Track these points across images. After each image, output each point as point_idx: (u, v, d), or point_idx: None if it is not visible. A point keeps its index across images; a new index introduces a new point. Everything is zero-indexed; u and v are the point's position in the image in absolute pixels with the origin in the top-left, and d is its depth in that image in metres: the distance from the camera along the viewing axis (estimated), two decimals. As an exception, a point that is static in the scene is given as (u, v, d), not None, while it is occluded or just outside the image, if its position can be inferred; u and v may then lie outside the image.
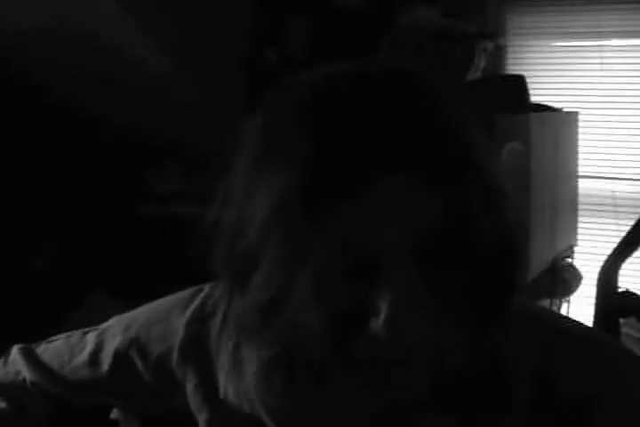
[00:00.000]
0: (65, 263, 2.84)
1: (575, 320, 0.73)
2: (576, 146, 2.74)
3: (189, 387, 0.75)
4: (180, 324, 0.76)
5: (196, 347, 0.74)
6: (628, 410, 0.64)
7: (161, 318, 0.78)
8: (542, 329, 0.66)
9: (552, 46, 2.87)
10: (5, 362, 0.89)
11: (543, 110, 2.46)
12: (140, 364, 0.78)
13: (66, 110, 2.77)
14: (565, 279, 2.48)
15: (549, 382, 0.64)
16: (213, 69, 2.60)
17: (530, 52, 2.89)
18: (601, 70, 2.79)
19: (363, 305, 0.55)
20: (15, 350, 0.88)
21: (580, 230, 2.81)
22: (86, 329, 0.86)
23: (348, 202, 0.52)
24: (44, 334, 0.94)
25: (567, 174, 2.67)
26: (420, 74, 0.60)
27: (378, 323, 0.54)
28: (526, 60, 2.88)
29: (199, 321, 0.75)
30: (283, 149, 0.55)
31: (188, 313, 0.76)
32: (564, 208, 2.62)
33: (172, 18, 2.44)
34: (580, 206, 2.81)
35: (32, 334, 1.03)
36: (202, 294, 0.78)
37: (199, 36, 2.52)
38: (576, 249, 2.74)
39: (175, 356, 0.75)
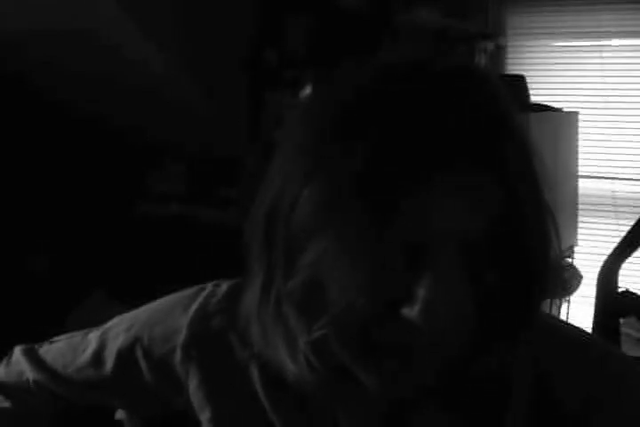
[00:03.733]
0: (65, 263, 2.84)
1: (572, 324, 0.73)
2: (576, 146, 2.74)
3: (192, 386, 0.74)
4: (182, 323, 0.75)
5: (200, 346, 0.74)
6: (629, 412, 0.64)
7: (163, 317, 0.78)
8: (542, 332, 0.66)
9: (552, 46, 2.88)
10: (8, 363, 0.89)
11: (543, 110, 2.46)
12: (142, 363, 0.77)
13: (66, 110, 2.77)
14: (565, 279, 2.48)
15: (549, 384, 0.64)
16: (213, 70, 2.59)
17: (530, 52, 2.89)
18: (601, 70, 2.79)
19: (400, 289, 0.55)
20: (18, 351, 0.88)
21: (580, 230, 2.81)
22: (88, 329, 0.86)
23: (409, 192, 0.53)
24: (44, 333, 0.94)
25: (567, 174, 2.67)
26: (475, 65, 0.61)
27: (413, 310, 0.54)
28: (526, 60, 2.89)
29: (202, 320, 0.75)
30: (347, 132, 0.55)
31: (190, 312, 0.76)
32: (564, 208, 2.62)
33: (172, 18, 2.44)
34: (580, 206, 2.82)
35: (32, 333, 1.03)
36: (204, 293, 0.77)
37: (199, 37, 2.52)
38: (576, 249, 2.74)
39: (178, 355, 0.75)
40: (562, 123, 2.61)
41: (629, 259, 1.98)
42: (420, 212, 0.53)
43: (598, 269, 2.01)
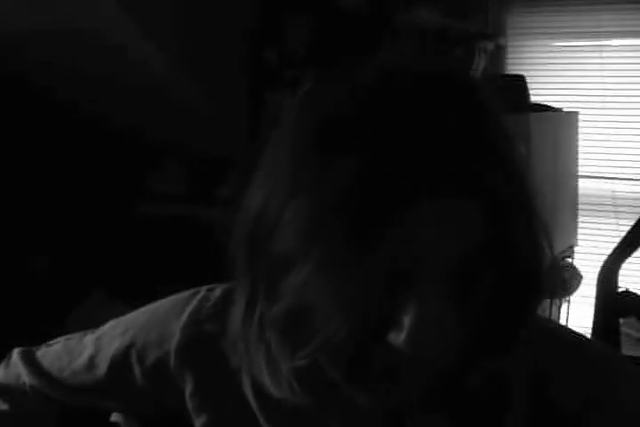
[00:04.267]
0: (65, 263, 2.84)
1: (564, 325, 0.73)
2: (576, 146, 2.74)
3: (188, 390, 0.74)
4: (176, 328, 0.75)
5: (194, 350, 0.74)
6: (629, 412, 0.64)
7: (157, 321, 0.78)
8: (541, 333, 0.66)
9: (552, 46, 2.88)
10: (7, 365, 0.89)
11: (543, 110, 2.46)
12: (137, 368, 0.77)
13: (66, 110, 2.77)
14: (565, 279, 2.48)
15: (548, 384, 0.64)
16: (214, 70, 2.60)
17: (530, 52, 2.89)
18: (601, 70, 2.79)
19: (385, 317, 0.54)
20: (16, 354, 0.88)
21: (580, 230, 2.81)
22: (84, 332, 0.86)
23: (393, 221, 0.51)
24: (44, 334, 0.94)
25: (567, 174, 2.67)
26: (465, 80, 0.58)
27: (399, 338, 0.53)
28: (526, 60, 2.89)
29: (196, 324, 0.74)
30: (330, 156, 0.53)
31: (184, 317, 0.75)
32: (564, 208, 2.62)
33: (172, 18, 2.44)
34: (580, 206, 2.82)
35: (32, 334, 1.03)
36: (198, 297, 0.77)
37: (199, 37, 2.52)
38: (576, 249, 2.74)
39: (172, 359, 0.75)
40: (562, 123, 2.61)
41: (629, 259, 1.98)
42: (404, 238, 0.52)
43: (598, 269, 2.01)
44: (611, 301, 1.98)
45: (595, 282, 2.02)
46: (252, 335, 0.62)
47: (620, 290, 2.02)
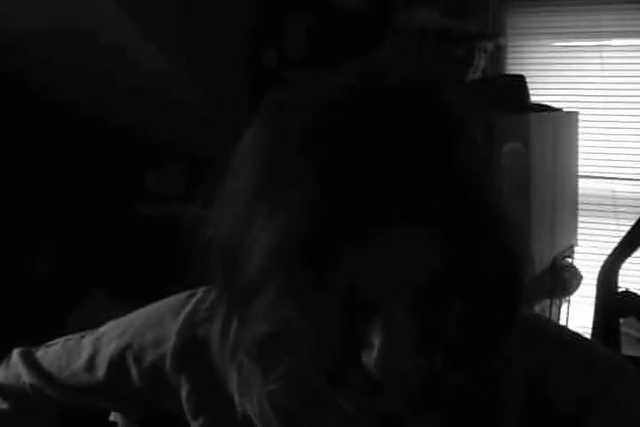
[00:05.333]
0: (64, 264, 2.84)
1: (562, 325, 0.73)
2: (576, 146, 2.74)
3: (184, 392, 0.74)
4: (172, 330, 0.75)
5: (189, 353, 0.74)
6: (622, 411, 0.64)
7: (154, 323, 0.78)
8: (534, 332, 0.66)
9: (552, 46, 2.88)
10: (7, 365, 0.89)
11: (543, 110, 2.46)
12: (133, 369, 0.78)
13: (66, 110, 2.77)
14: (565, 279, 2.48)
15: (542, 383, 0.64)
16: (214, 70, 2.60)
17: (530, 52, 2.89)
18: (601, 70, 2.79)
19: (356, 337, 0.54)
20: (15, 354, 0.89)
21: (580, 230, 2.81)
22: (84, 333, 0.86)
23: (353, 248, 0.51)
24: (44, 334, 0.94)
25: (567, 174, 2.67)
26: (438, 96, 0.55)
27: (370, 358, 0.53)
28: (526, 60, 2.89)
29: (191, 327, 0.75)
30: (286, 184, 0.52)
31: (180, 319, 0.75)
32: (564, 208, 2.62)
33: (172, 18, 2.44)
34: (580, 206, 2.82)
35: (32, 334, 1.03)
36: (194, 300, 0.77)
37: (199, 37, 2.52)
38: (576, 249, 2.74)
39: (168, 362, 0.75)
40: (562, 123, 2.61)
41: (629, 259, 1.99)
42: (359, 266, 0.51)
43: (598, 269, 2.01)
44: (611, 301, 1.98)
45: (595, 282, 2.02)
46: (227, 353, 0.63)
47: (620, 290, 2.02)
